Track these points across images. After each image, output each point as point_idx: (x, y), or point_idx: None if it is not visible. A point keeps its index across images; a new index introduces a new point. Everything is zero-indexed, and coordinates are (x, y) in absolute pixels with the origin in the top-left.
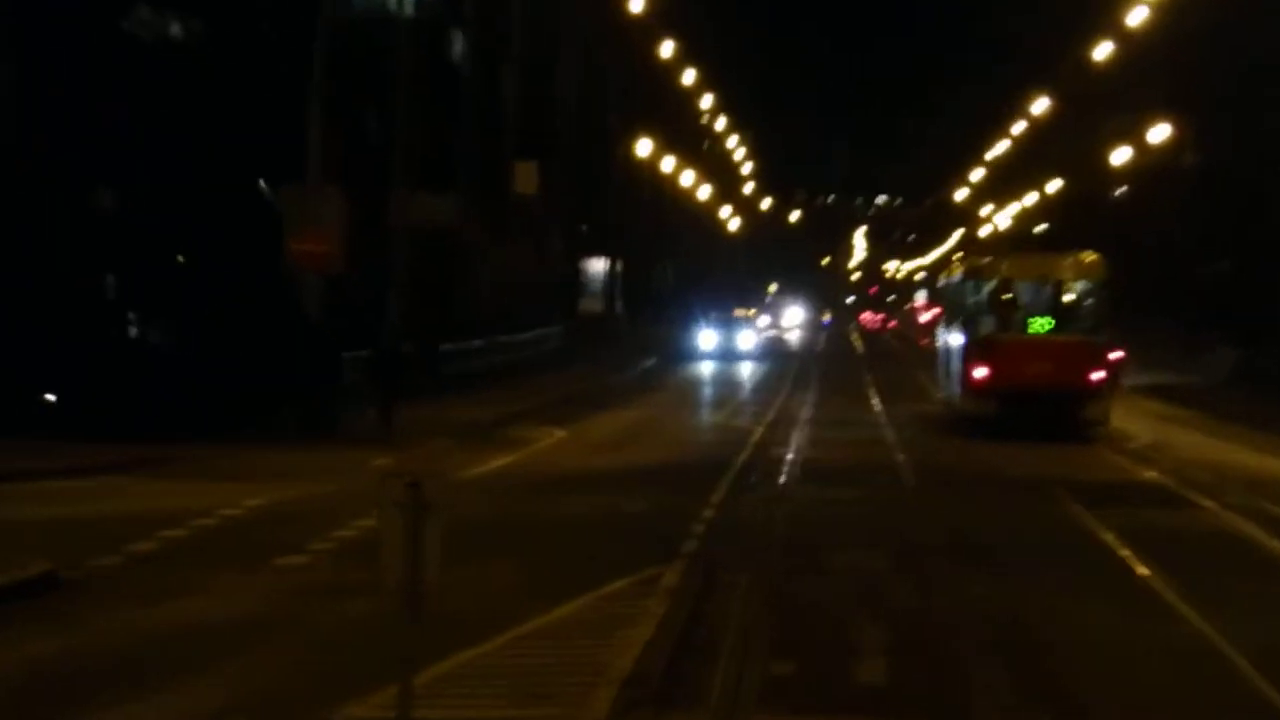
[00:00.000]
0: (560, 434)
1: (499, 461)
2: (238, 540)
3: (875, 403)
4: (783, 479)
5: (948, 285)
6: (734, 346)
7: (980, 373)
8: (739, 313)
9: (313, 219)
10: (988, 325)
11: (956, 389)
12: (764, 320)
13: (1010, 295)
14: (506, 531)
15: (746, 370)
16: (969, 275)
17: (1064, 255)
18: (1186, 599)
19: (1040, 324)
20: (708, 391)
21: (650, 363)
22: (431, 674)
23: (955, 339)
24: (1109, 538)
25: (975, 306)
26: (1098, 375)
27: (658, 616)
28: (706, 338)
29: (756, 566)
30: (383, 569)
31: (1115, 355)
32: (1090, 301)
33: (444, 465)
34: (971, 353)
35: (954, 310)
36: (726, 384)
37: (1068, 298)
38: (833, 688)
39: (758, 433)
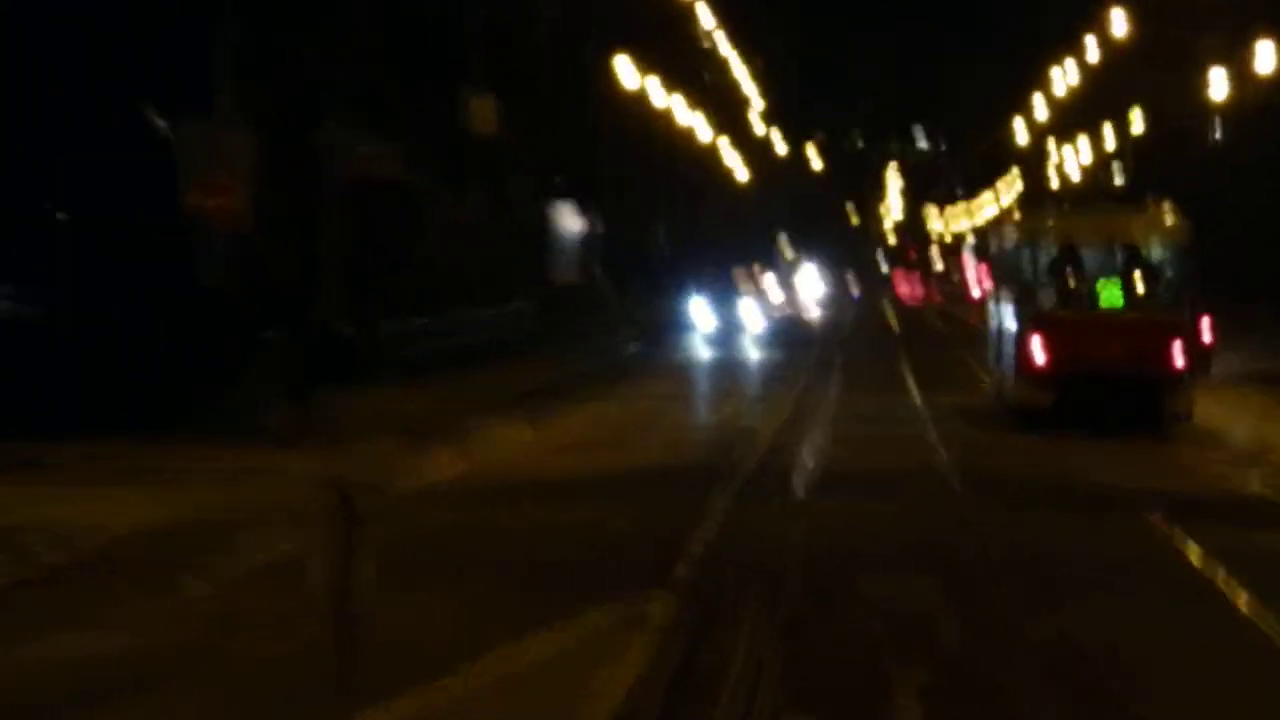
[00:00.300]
0: (528, 432)
1: (454, 465)
2: (135, 560)
3: (914, 394)
4: (800, 489)
5: (999, 250)
6: (737, 324)
7: (1039, 356)
8: (743, 281)
9: (218, 164)
10: (1047, 298)
11: (1009, 375)
12: (776, 292)
13: (1074, 262)
14: (460, 550)
15: (754, 355)
16: (1024, 238)
17: (1139, 213)
18: None
19: (1110, 297)
20: (703, 384)
21: (633, 348)
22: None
23: (1008, 315)
24: (1205, 565)
25: (1032, 275)
26: (1180, 359)
27: (644, 656)
28: (702, 314)
29: (767, 595)
30: (312, 589)
31: (1205, 335)
32: (1171, 270)
33: (387, 470)
34: (1027, 331)
35: (1006, 281)
36: (726, 374)
37: (1144, 265)
38: None
39: (769, 431)
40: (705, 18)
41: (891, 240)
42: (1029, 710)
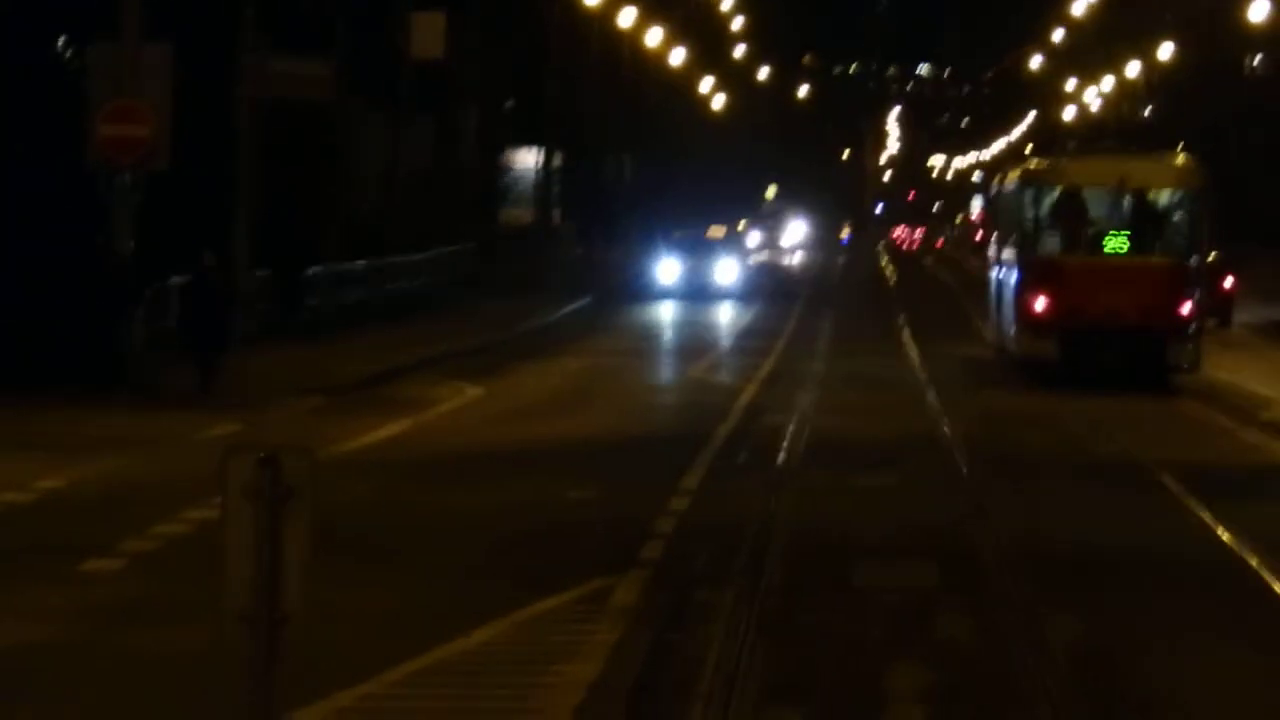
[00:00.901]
0: (474, 391)
1: (387, 430)
2: (29, 537)
3: (912, 355)
4: (782, 457)
5: (1000, 194)
6: (707, 281)
7: (1039, 304)
8: (713, 232)
9: (132, 89)
10: (1050, 244)
11: (1009, 325)
12: (755, 238)
13: (1077, 208)
14: (397, 530)
15: (725, 316)
16: (1026, 181)
17: (1147, 157)
18: None
19: (1116, 243)
20: (663, 342)
21: (579, 304)
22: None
23: (1008, 262)
24: (1239, 546)
25: (1034, 221)
26: (1187, 308)
27: (608, 647)
28: (667, 267)
29: (746, 580)
30: (227, 581)
31: (1227, 283)
32: (1180, 215)
33: (307, 436)
34: (1029, 279)
35: (1008, 226)
36: (691, 335)
37: (1151, 211)
38: None
39: (747, 392)
40: None
41: (887, 178)
42: (1040, 699)
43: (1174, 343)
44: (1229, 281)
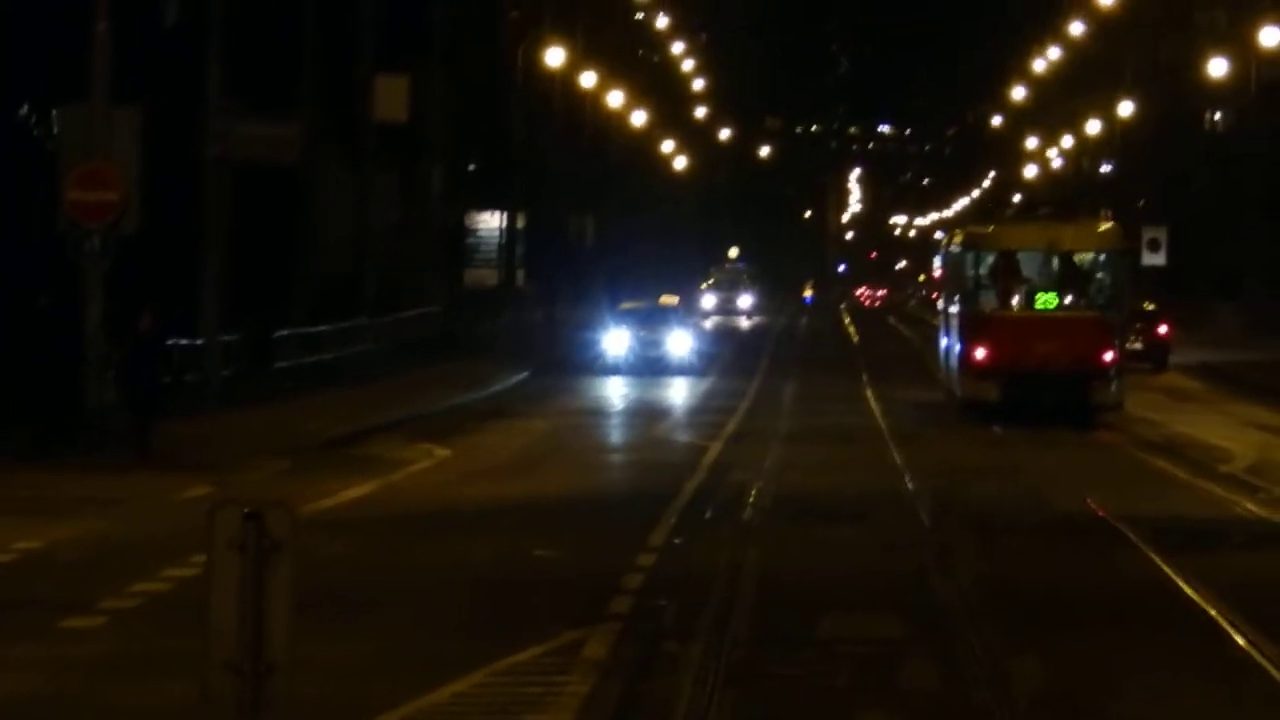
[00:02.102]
0: (442, 452)
1: (356, 490)
2: (7, 595)
3: (875, 408)
4: (748, 513)
5: (946, 254)
6: (659, 353)
7: (980, 353)
8: (666, 300)
9: (101, 152)
10: (989, 300)
11: (956, 372)
12: (711, 301)
13: (1012, 267)
14: (370, 586)
15: (676, 393)
16: (968, 244)
17: (1073, 222)
18: None
19: (1047, 299)
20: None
21: (516, 378)
22: None
23: (954, 316)
24: (1199, 596)
25: (975, 279)
26: (1109, 355)
27: (579, 698)
28: (616, 339)
29: (714, 633)
30: (213, 631)
31: (1161, 329)
32: (1103, 273)
33: (280, 495)
34: (971, 331)
35: (953, 284)
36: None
37: (1077, 269)
38: None
39: (713, 451)
40: None
41: (850, 237)
42: None
43: (1098, 385)
44: (1163, 329)
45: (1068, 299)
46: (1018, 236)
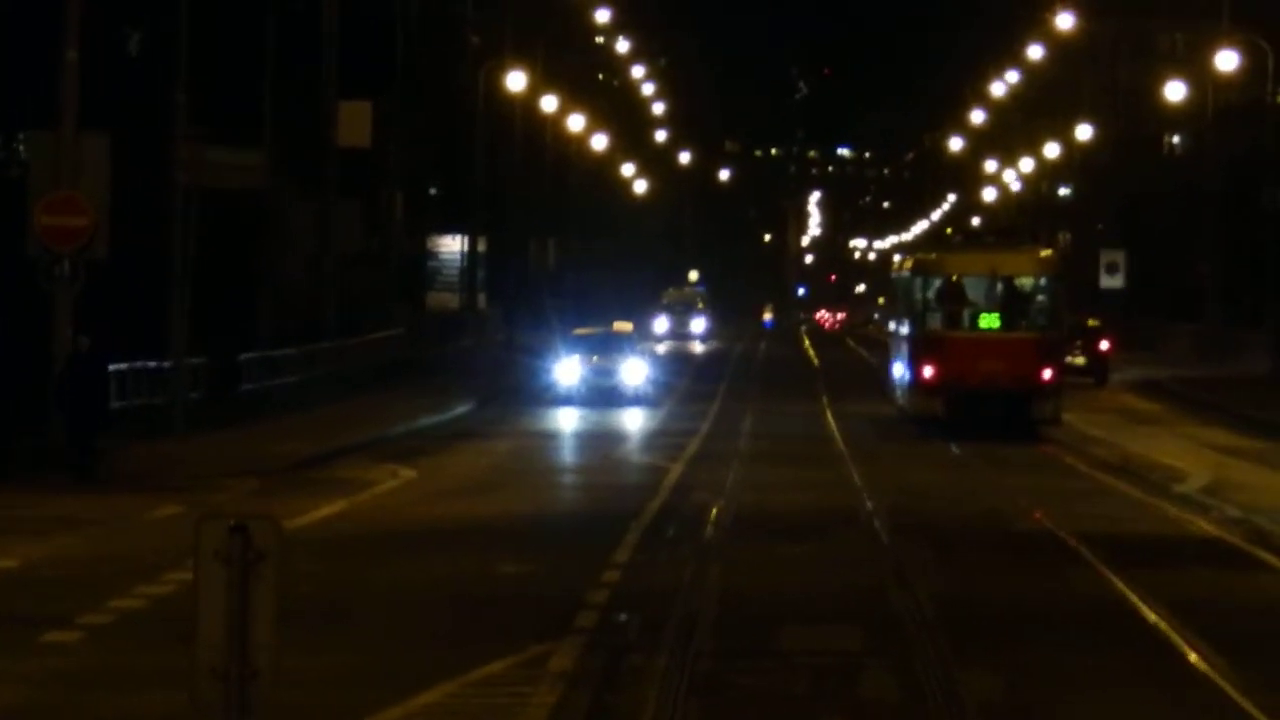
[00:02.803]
0: (408, 473)
1: (326, 510)
2: None
3: (834, 426)
4: (710, 530)
5: (896, 280)
6: (613, 382)
7: (928, 371)
8: (620, 327)
9: (71, 179)
10: (936, 322)
11: (905, 389)
12: (663, 324)
13: (957, 291)
14: (338, 602)
15: (629, 424)
16: (916, 270)
17: (1014, 249)
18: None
19: (989, 321)
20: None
21: (461, 409)
22: None
23: (903, 336)
24: (1149, 611)
25: (923, 302)
26: (1048, 373)
27: (547, 708)
28: (567, 368)
29: (677, 645)
30: (200, 638)
31: (1102, 345)
32: (1042, 297)
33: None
34: (919, 351)
35: (903, 306)
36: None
37: (1017, 293)
38: None
39: (674, 472)
40: (601, 14)
41: (810, 260)
42: None
43: (1037, 400)
44: (1105, 345)
45: (1009, 321)
46: (962, 263)
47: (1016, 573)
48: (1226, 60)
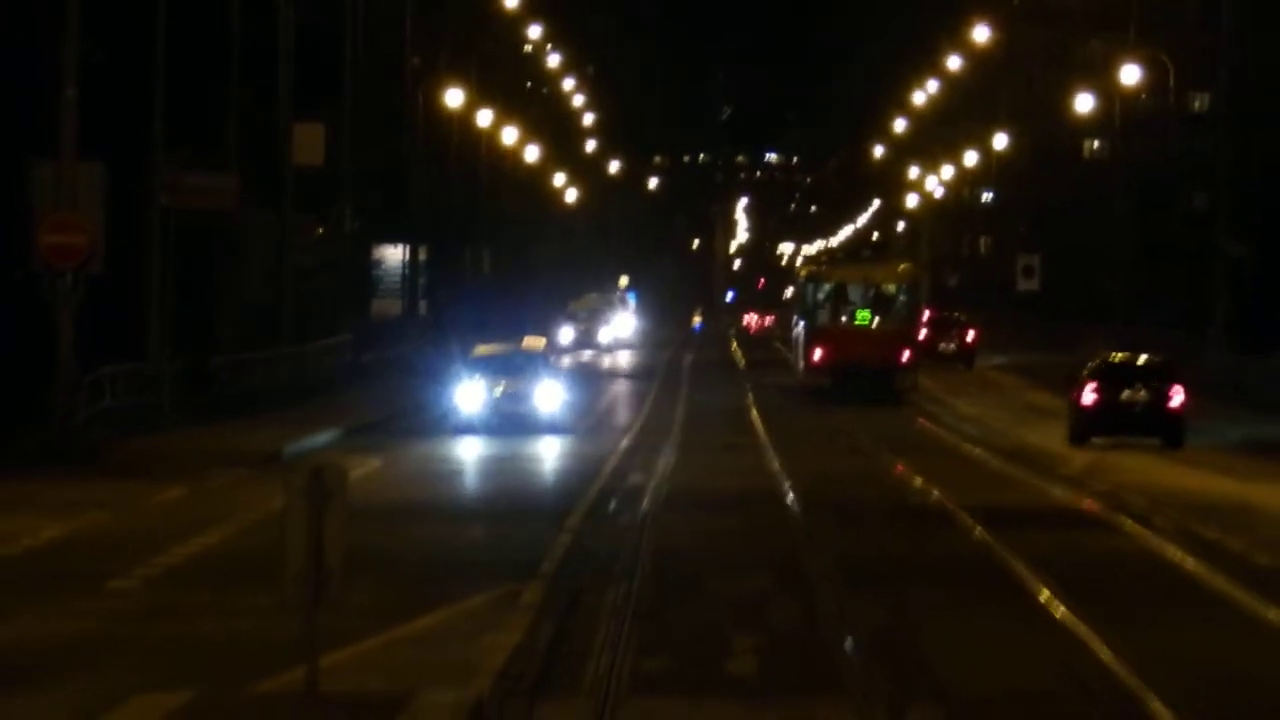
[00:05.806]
0: (375, 462)
1: None
2: (56, 566)
3: (759, 424)
4: (645, 504)
5: (796, 285)
6: (523, 408)
7: (817, 354)
8: (530, 343)
9: (70, 202)
10: (823, 317)
11: (800, 366)
12: (568, 335)
13: (840, 294)
14: (347, 560)
15: (540, 461)
16: (809, 278)
17: (882, 263)
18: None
19: (862, 317)
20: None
21: (324, 437)
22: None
23: (800, 328)
24: (1015, 562)
25: (814, 301)
26: (905, 356)
27: (524, 627)
28: (469, 392)
29: (623, 586)
30: (287, 553)
31: (969, 336)
32: (903, 299)
33: (248, 495)
34: (811, 338)
35: (800, 304)
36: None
37: (884, 296)
38: (702, 676)
39: (613, 460)
40: (534, 30)
41: (738, 265)
42: (840, 651)
43: (899, 377)
44: (971, 335)
45: (877, 317)
46: (844, 272)
47: (904, 535)
48: (1130, 74)
